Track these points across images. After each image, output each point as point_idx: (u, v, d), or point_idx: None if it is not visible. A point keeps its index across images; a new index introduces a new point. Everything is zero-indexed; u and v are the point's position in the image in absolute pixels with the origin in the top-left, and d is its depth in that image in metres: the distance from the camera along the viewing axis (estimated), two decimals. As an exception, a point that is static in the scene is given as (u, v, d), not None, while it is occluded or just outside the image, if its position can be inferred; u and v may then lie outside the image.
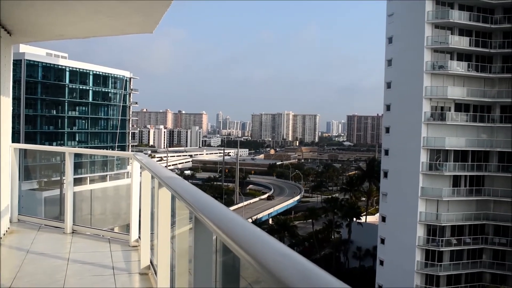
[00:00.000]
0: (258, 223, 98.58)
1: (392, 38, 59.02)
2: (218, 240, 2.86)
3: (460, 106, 56.17)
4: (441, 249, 54.50)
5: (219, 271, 3.19)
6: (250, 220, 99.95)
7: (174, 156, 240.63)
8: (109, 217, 12.30)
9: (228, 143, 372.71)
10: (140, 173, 7.40)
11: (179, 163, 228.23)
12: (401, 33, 57.72)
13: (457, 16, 54.36)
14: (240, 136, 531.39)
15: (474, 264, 55.80)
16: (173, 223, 4.96)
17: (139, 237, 7.75)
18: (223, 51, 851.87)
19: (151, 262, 6.64)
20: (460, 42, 55.12)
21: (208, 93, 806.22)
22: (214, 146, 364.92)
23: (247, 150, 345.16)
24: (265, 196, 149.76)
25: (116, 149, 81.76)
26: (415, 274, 54.56)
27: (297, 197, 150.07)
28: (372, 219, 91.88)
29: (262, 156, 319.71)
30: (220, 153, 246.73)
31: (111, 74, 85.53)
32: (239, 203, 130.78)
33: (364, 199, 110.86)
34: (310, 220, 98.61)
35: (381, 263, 59.53)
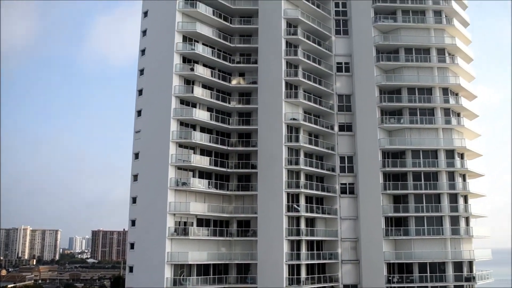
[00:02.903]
0: None
1: (138, 153, 60.15)
2: None
3: (202, 221, 58.94)
4: None
5: None
6: None
7: None
8: None
9: None
10: None
11: None
12: (146, 150, 59.34)
13: (199, 137, 58.75)
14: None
15: None
16: None
17: None
18: None
19: None
20: (201, 161, 59.12)
21: None
22: None
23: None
24: None
25: None
26: None
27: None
28: None
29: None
30: None
31: None
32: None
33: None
34: None
35: None
